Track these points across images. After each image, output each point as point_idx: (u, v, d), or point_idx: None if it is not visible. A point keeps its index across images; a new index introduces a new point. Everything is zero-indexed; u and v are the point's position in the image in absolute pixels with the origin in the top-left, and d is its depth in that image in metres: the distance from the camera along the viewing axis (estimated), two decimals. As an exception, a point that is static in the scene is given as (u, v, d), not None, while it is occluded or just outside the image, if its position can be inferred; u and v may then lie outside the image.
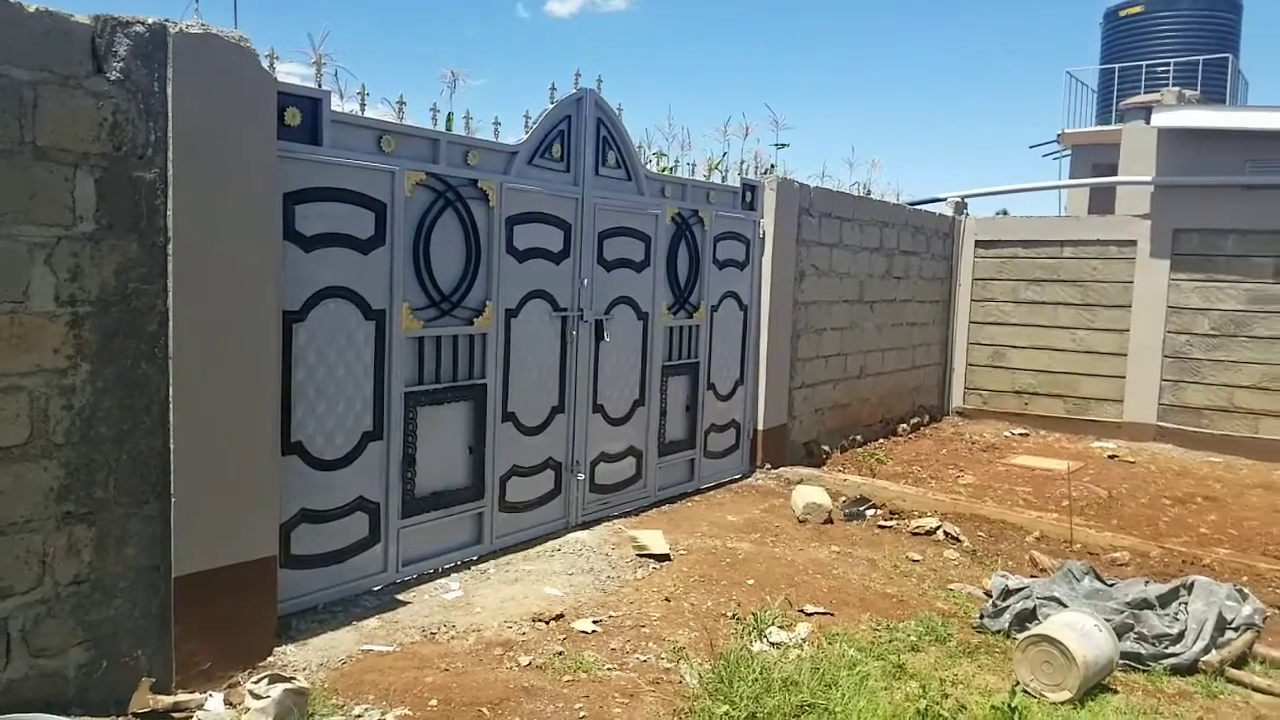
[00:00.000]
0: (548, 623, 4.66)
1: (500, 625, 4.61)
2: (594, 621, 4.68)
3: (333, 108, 4.63)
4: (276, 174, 4.14)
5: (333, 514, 4.75)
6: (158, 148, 3.65)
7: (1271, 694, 4.29)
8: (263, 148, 4.04)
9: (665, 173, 7.28)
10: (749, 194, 7.87)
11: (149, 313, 3.67)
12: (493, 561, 5.51)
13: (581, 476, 6.26)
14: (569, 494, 6.19)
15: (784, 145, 9.02)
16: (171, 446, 3.74)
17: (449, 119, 5.79)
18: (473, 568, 5.40)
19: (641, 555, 5.69)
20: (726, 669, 4.10)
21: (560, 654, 4.31)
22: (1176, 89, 12.88)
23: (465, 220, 5.35)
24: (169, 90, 3.64)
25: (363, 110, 5.02)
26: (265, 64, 4.12)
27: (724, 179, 8.14)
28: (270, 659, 4.10)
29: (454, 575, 5.27)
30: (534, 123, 5.84)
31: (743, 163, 8.38)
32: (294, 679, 3.73)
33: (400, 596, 4.92)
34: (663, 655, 4.36)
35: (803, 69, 66.09)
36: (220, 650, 3.91)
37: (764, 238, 8.00)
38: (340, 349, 4.72)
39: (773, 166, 8.80)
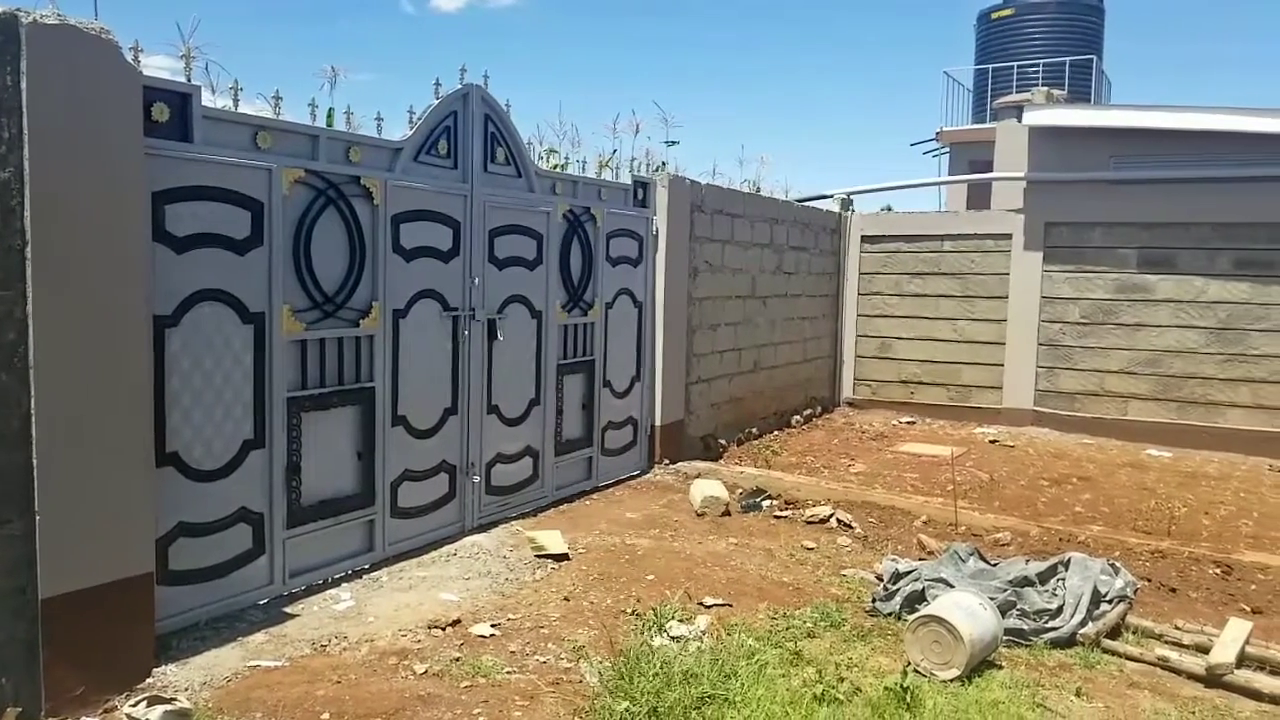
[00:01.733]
0: (444, 629, 4.57)
1: (395, 634, 4.50)
2: (492, 625, 4.61)
3: (204, 103, 4.45)
4: (144, 172, 3.95)
5: (213, 526, 4.55)
6: (12, 146, 3.42)
7: (1143, 661, 4.52)
8: (128, 145, 3.84)
9: (556, 170, 7.23)
10: (641, 191, 7.89)
11: (6, 320, 3.44)
12: (386, 569, 5.38)
13: (477, 479, 6.16)
14: (464, 497, 6.08)
15: (674, 143, 9.08)
16: (35, 461, 3.52)
17: (329, 115, 5.63)
18: (365, 576, 5.26)
19: (540, 556, 5.63)
20: (627, 665, 4.09)
21: (457, 660, 4.23)
22: (1045, 89, 13.49)
23: (348, 219, 5.19)
24: (23, 85, 3.41)
25: (236, 106, 4.83)
26: (129, 57, 3.92)
27: (616, 176, 8.13)
28: (149, 680, 3.90)
29: (345, 585, 5.12)
30: (419, 119, 5.72)
31: (634, 160, 8.39)
32: (175, 700, 3.57)
33: (288, 609, 4.75)
34: (563, 655, 4.33)
35: (691, 66, 66.77)
36: (94, 674, 3.70)
37: (657, 235, 8.04)
38: (217, 354, 4.52)
39: (664, 164, 8.84)
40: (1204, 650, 4.49)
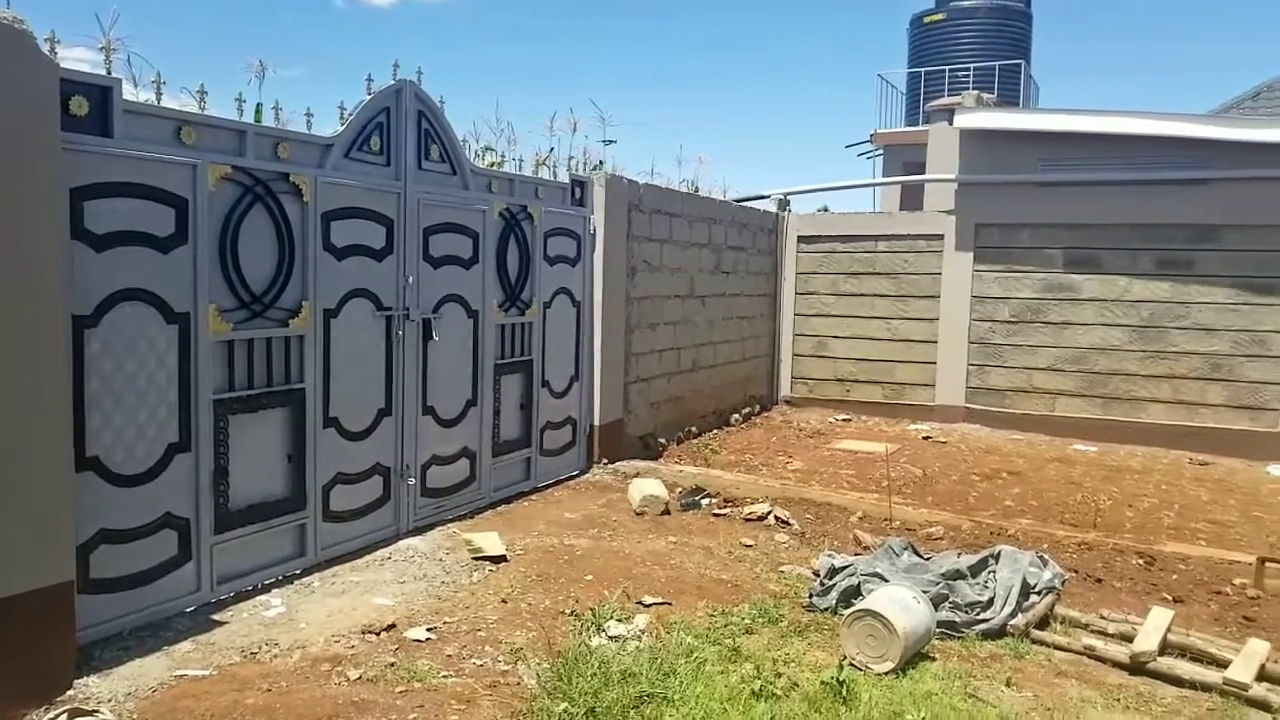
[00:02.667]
0: (378, 634, 4.49)
1: (327, 640, 4.41)
2: (428, 629, 4.54)
3: (125, 97, 4.32)
4: (61, 168, 3.82)
5: (137, 533, 4.42)
6: (-85, 137, 3.28)
7: (1071, 650, 4.64)
8: (44, 140, 3.71)
9: (493, 168, 7.17)
10: (579, 190, 7.86)
11: (-92, 320, 3.29)
12: (318, 574, 5.27)
13: (412, 481, 6.07)
14: (399, 499, 5.99)
15: (612, 142, 9.06)
16: (-58, 468, 3.37)
17: (258, 110, 5.50)
18: (296, 582, 5.15)
19: (477, 558, 5.57)
20: (565, 666, 4.08)
21: (392, 665, 4.16)
22: (976, 92, 13.78)
23: (277, 216, 5.08)
24: (-73, 75, 3.27)
25: (159, 100, 4.69)
26: (46, 48, 3.79)
27: (554, 175, 8.09)
28: (70, 692, 3.78)
29: (276, 591, 5.00)
30: (350, 115, 5.62)
31: (571, 159, 8.36)
32: (97, 712, 3.46)
33: (216, 617, 4.62)
34: (500, 658, 4.28)
35: (629, 65, 66.86)
36: (10, 687, 3.57)
37: (595, 234, 8.01)
38: (140, 356, 4.38)
39: (601, 163, 8.82)
40: (1128, 639, 4.62)
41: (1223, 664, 4.36)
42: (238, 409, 4.89)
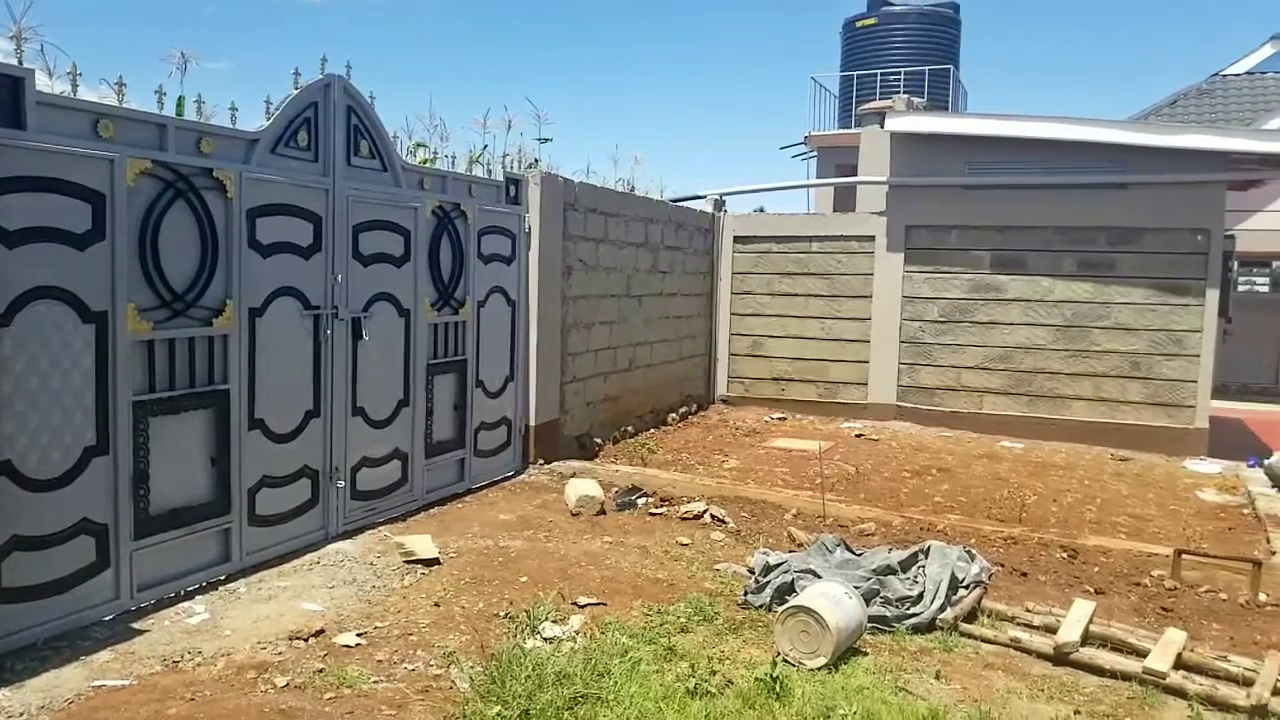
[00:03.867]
0: (306, 640, 4.39)
1: (253, 647, 4.30)
2: (358, 634, 4.46)
3: (38, 88, 4.17)
4: (-34, 159, 3.66)
5: (52, 539, 4.25)
6: None
7: (997, 643, 4.74)
8: (-53, 129, 3.54)
9: (425, 165, 7.07)
10: (513, 188, 7.80)
11: None
12: (244, 580, 5.13)
13: (341, 483, 5.95)
14: (328, 503, 5.87)
15: (547, 140, 9.02)
16: None
17: (179, 103, 5.36)
18: (221, 588, 5.01)
19: (409, 561, 5.48)
20: (498, 669, 4.03)
21: (321, 671, 4.07)
22: (906, 96, 14.05)
23: (199, 212, 4.94)
24: None
25: (75, 91, 4.54)
26: (-52, 34, 3.62)
27: (488, 173, 8.01)
28: (-22, 708, 3.62)
29: (199, 597, 4.86)
30: (277, 109, 5.50)
31: (505, 156, 8.30)
32: (4, 729, 3.30)
33: (137, 625, 4.48)
34: (432, 662, 4.22)
35: (564, 64, 66.68)
36: (-91, 706, 3.39)
37: (530, 232, 7.96)
38: (54, 356, 4.22)
39: (537, 161, 8.77)
40: (1052, 630, 4.73)
41: (1142, 653, 4.49)
42: (159, 411, 4.74)
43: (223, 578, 5.10)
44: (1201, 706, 4.10)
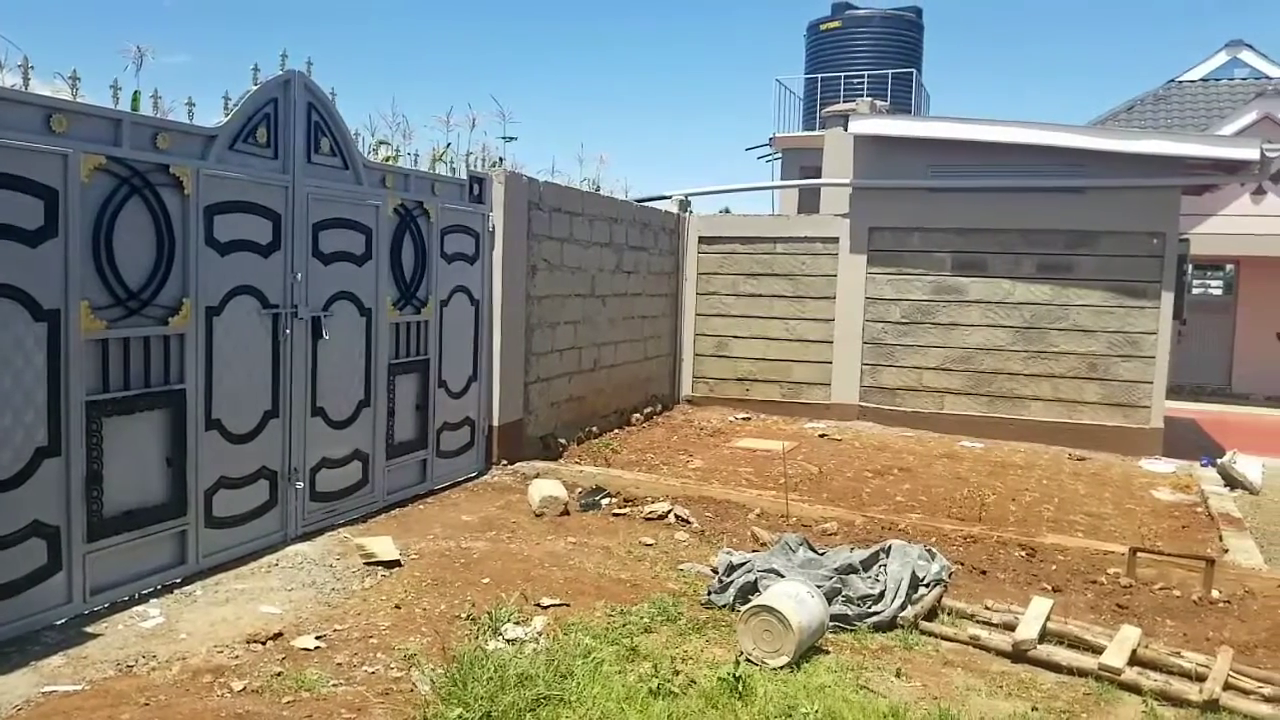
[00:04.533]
0: (264, 643, 4.33)
1: (210, 650, 4.23)
2: (317, 637, 4.40)
3: (-13, 80, 4.06)
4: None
5: (2, 542, 4.16)
6: None
7: (957, 641, 4.78)
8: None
9: (388, 162, 7.01)
10: (477, 187, 7.75)
11: None
12: (200, 582, 5.05)
13: (301, 485, 5.88)
14: (287, 504, 5.79)
15: (512, 138, 8.99)
16: None
17: (135, 98, 5.29)
18: (177, 591, 4.92)
19: (370, 563, 5.42)
20: (460, 671, 4.00)
21: (279, 675, 4.02)
22: (870, 99, 14.17)
23: (156, 210, 4.86)
24: None
25: (26, 85, 4.44)
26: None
27: (452, 171, 7.96)
28: (-78, 716, 3.52)
29: (155, 601, 4.77)
30: (235, 105, 5.42)
31: (469, 155, 8.26)
32: (-51, 737, 3.22)
33: (90, 629, 4.39)
34: (393, 665, 4.18)
35: (529, 63, 66.45)
36: None
37: (494, 231, 7.91)
38: (5, 355, 4.13)
39: (501, 160, 8.74)
40: (1011, 628, 4.79)
41: (1098, 650, 4.56)
42: (113, 411, 4.65)
43: (179, 580, 5.01)
44: (1156, 702, 4.17)
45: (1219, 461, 9.56)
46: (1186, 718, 4.07)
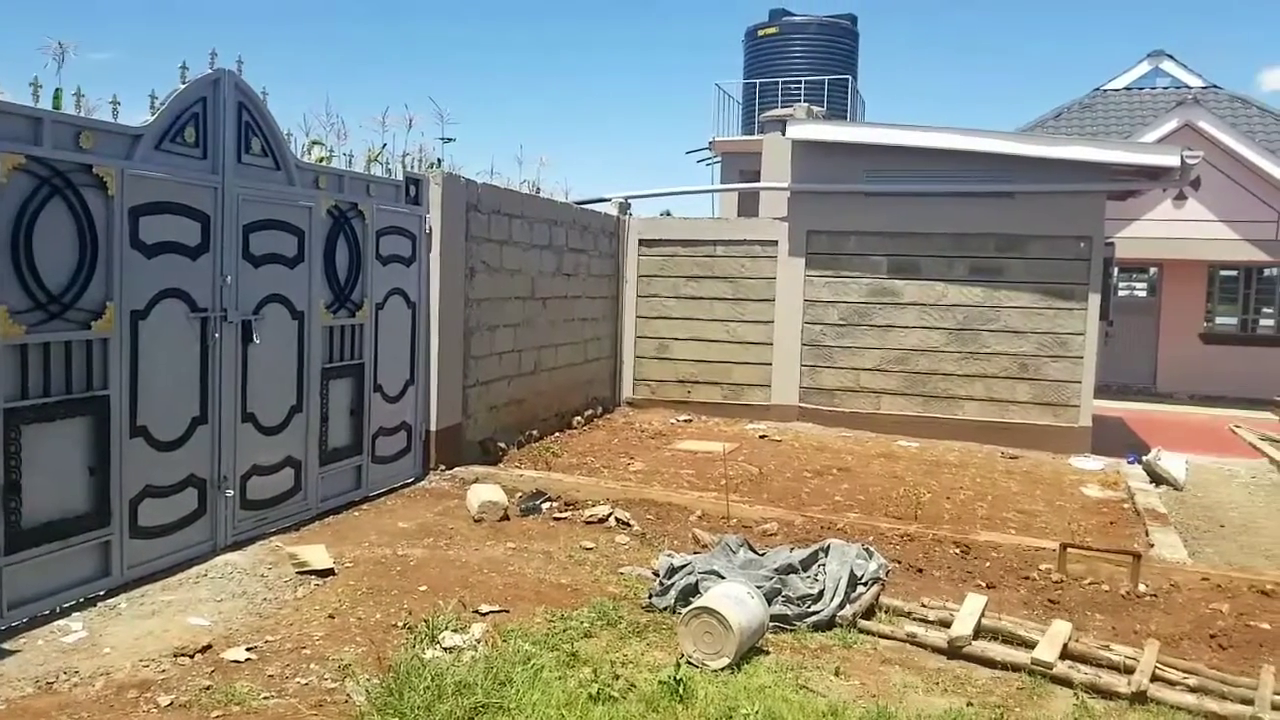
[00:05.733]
0: (193, 656, 4.21)
1: (135, 665, 4.10)
2: (248, 649, 4.29)
3: (-107, 74, 3.88)
4: None
5: (-91, 558, 3.97)
6: None
7: (894, 638, 4.84)
8: None
9: (321, 163, 6.87)
10: (413, 188, 7.64)
11: None
12: (125, 595, 4.89)
13: (230, 493, 5.72)
14: (216, 513, 5.63)
15: (450, 140, 8.89)
16: None
17: (56, 96, 5.11)
18: (101, 604, 4.76)
19: (303, 572, 5.30)
20: (396, 681, 3.93)
21: (208, 688, 3.91)
22: (806, 104, 14.28)
23: (78, 211, 4.70)
24: None
25: (-62, 80, 4.25)
26: None
27: (388, 172, 7.84)
28: None
29: (77, 615, 4.61)
30: (162, 104, 5.27)
31: (406, 156, 8.14)
32: None
33: (7, 645, 4.22)
34: (327, 675, 4.09)
35: (468, 65, 65.91)
36: None
37: (431, 233, 7.81)
38: (-88, 360, 3.95)
39: (439, 161, 8.63)
40: (947, 625, 4.86)
41: (1030, 645, 4.65)
42: (32, 418, 4.48)
43: (102, 593, 4.85)
44: (1086, 695, 4.27)
45: (1145, 459, 9.85)
46: (1116, 710, 4.17)
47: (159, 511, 5.24)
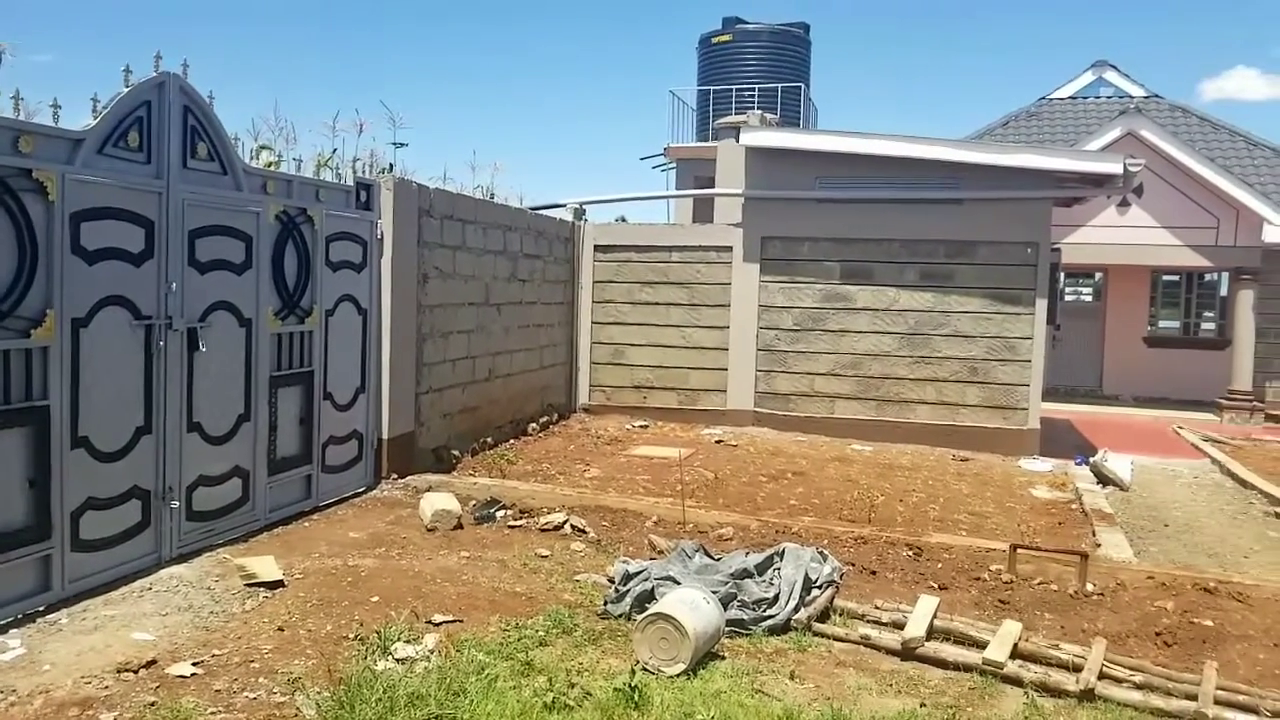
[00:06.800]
0: (137, 671, 4.10)
1: (76, 682, 3.98)
2: (194, 663, 4.19)
3: None
4: None
5: None
6: None
7: (849, 641, 4.88)
8: None
9: (270, 168, 6.77)
10: (364, 194, 7.55)
11: None
12: (66, 610, 4.75)
13: (176, 504, 5.59)
14: (161, 525, 5.50)
15: (403, 144, 8.80)
16: None
17: (-8, 99, 4.96)
18: (40, 619, 4.62)
19: (251, 584, 5.20)
20: (347, 694, 3.87)
21: (153, 704, 3.81)
22: (760, 111, 14.42)
23: (17, 216, 4.57)
24: None
25: None
26: None
27: (338, 177, 7.74)
28: None
29: (15, 631, 4.46)
30: (105, 107, 5.15)
31: (357, 161, 8.06)
32: None
33: (-60, 665, 4.08)
34: (276, 689, 4.01)
35: (422, 70, 65.41)
36: None
37: (382, 239, 7.72)
38: None
39: (391, 166, 8.56)
40: (900, 626, 4.90)
41: (982, 645, 4.70)
42: (-35, 430, 4.34)
43: (42, 608, 4.71)
44: (1036, 694, 4.33)
45: (1091, 460, 10.06)
46: (1065, 708, 4.23)
47: (102, 524, 5.10)
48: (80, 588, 4.94)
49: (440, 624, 4.81)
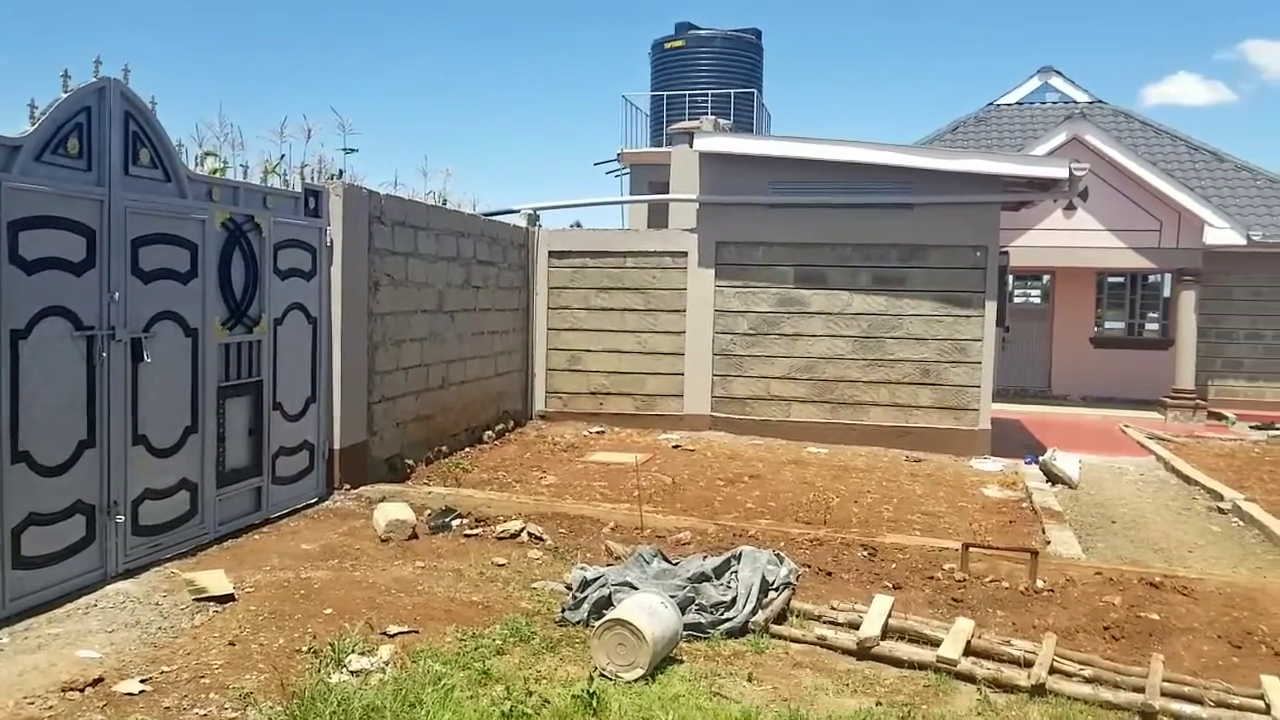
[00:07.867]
0: (82, 690, 4.00)
1: (18, 703, 3.87)
2: (142, 680, 4.09)
3: None
4: None
5: None
6: None
7: (805, 642, 4.91)
8: None
9: (215, 174, 6.66)
10: (313, 200, 7.45)
11: None
12: (8, 629, 4.61)
13: (121, 518, 5.46)
14: (106, 540, 5.36)
15: (353, 150, 8.74)
16: None
17: (-77, 103, 4.81)
18: (-20, 641, 4.49)
19: (200, 599, 5.09)
20: (301, 708, 3.82)
21: (98, 724, 3.71)
22: (713, 117, 14.47)
23: (-51, 224, 4.44)
24: None
25: None
26: None
27: (286, 184, 7.64)
28: None
29: (-47, 653, 4.34)
30: (43, 114, 5.02)
31: (305, 166, 7.97)
32: None
33: (-126, 690, 3.94)
34: (227, 705, 3.93)
35: (371, 76, 64.71)
36: None
37: (332, 246, 7.63)
38: None
39: (341, 172, 8.48)
40: (856, 626, 4.94)
41: (936, 643, 4.76)
42: (-103, 446, 4.20)
43: (-19, 629, 4.58)
44: (989, 689, 4.39)
45: (1041, 459, 10.23)
46: (1017, 703, 4.30)
47: (44, 540, 4.96)
48: (22, 605, 4.81)
49: (395, 635, 4.75)
